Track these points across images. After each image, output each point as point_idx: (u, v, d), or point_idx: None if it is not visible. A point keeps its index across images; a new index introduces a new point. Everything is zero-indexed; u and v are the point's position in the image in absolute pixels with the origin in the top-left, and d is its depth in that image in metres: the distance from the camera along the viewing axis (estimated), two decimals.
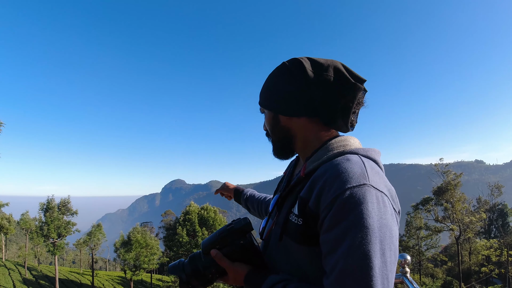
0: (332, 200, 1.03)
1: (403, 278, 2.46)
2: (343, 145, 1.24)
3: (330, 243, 1.02)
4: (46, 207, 38.62)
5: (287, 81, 1.30)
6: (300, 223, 1.15)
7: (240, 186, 2.39)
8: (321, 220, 1.07)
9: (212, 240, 1.30)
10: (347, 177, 1.05)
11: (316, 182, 1.12)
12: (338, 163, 1.12)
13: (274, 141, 1.42)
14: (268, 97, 1.37)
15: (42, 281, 45.29)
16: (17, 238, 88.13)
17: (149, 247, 42.49)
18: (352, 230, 0.98)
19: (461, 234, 35.22)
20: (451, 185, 35.27)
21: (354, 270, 0.95)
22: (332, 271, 0.99)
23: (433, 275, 43.66)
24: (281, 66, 1.34)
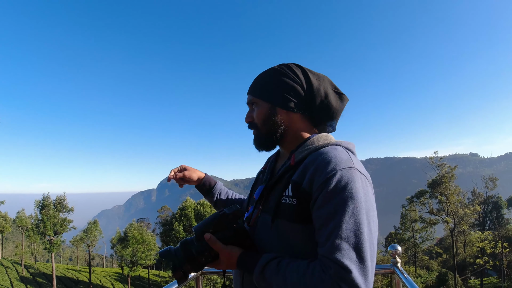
0: (326, 180, 1.21)
1: (394, 269, 2.50)
2: (327, 139, 1.47)
3: (325, 216, 1.19)
4: (42, 204, 38.53)
5: (292, 79, 1.49)
6: (294, 203, 1.30)
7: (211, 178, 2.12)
8: (314, 198, 1.24)
9: (205, 224, 1.35)
10: (337, 161, 1.25)
11: (309, 166, 1.31)
12: (328, 151, 1.32)
13: (262, 133, 1.54)
14: (268, 89, 1.52)
15: (39, 278, 45.25)
16: (13, 236, 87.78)
17: (146, 243, 42.50)
18: (346, 203, 1.17)
19: (456, 226, 35.39)
20: (445, 178, 35.40)
21: (349, 235, 1.14)
22: (328, 238, 1.16)
23: (428, 267, 43.98)
24: (287, 65, 1.53)
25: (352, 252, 1.12)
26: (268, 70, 1.56)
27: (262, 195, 1.52)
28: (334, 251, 1.12)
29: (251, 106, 1.59)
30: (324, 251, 1.15)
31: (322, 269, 1.14)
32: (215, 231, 1.35)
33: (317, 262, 1.18)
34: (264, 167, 1.77)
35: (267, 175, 1.63)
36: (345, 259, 1.10)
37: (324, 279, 1.12)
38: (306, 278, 1.16)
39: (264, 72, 1.56)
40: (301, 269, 1.19)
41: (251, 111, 1.59)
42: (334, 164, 1.24)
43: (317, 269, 1.15)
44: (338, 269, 1.10)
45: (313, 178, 1.25)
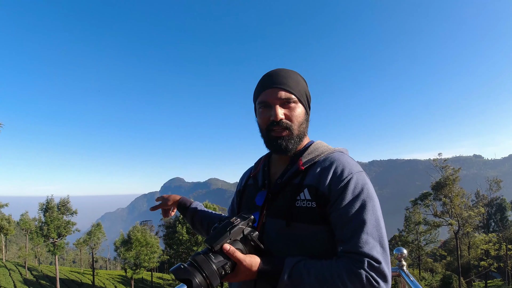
0: (345, 183, 1.37)
1: (400, 272, 2.52)
2: (326, 145, 1.63)
3: (348, 215, 1.32)
4: (46, 207, 38.62)
5: (306, 85, 1.61)
6: (314, 206, 1.39)
7: (186, 198, 2.17)
8: (333, 200, 1.36)
9: (221, 235, 1.28)
10: (351, 166, 1.43)
11: (325, 171, 1.43)
12: (339, 157, 1.48)
13: (295, 134, 1.53)
14: (302, 92, 1.56)
15: (42, 281, 45.30)
16: (17, 238, 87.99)
17: (149, 246, 42.52)
18: (366, 202, 1.34)
19: (460, 228, 35.24)
20: (449, 180, 35.27)
21: (373, 231, 1.29)
22: (354, 235, 1.28)
23: (433, 269, 43.81)
24: (295, 72, 1.60)
25: (378, 245, 1.27)
26: (293, 72, 1.58)
27: (266, 200, 1.56)
28: (364, 245, 1.25)
29: (284, 103, 1.51)
30: (351, 247, 1.27)
31: (353, 264, 1.23)
32: (232, 240, 1.31)
33: (344, 259, 1.27)
34: (254, 173, 1.78)
35: (264, 181, 1.65)
36: (374, 252, 1.25)
37: (359, 273, 1.21)
38: (341, 275, 1.22)
39: (290, 72, 1.57)
40: (332, 266, 1.26)
41: (284, 107, 1.51)
42: (349, 169, 1.41)
43: (348, 265, 1.24)
44: (370, 262, 1.22)
45: (332, 182, 1.39)
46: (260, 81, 1.58)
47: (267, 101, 1.51)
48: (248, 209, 1.65)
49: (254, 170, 1.79)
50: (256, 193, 1.66)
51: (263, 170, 1.71)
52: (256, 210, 1.59)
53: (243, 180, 1.88)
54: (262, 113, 1.54)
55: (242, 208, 1.72)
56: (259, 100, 1.55)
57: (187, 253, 42.81)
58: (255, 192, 1.67)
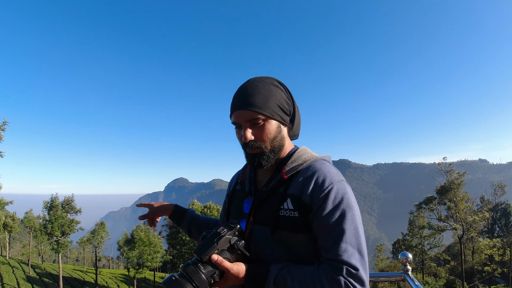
0: (326, 194, 1.42)
1: (405, 276, 2.51)
2: (309, 153, 1.66)
3: (329, 224, 1.40)
4: (50, 205, 38.70)
5: (281, 94, 1.57)
6: (296, 216, 1.45)
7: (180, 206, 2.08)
8: (315, 209, 1.42)
9: (209, 246, 1.34)
10: (332, 176, 1.47)
11: (306, 181, 1.47)
12: (321, 167, 1.51)
13: (268, 150, 1.54)
14: (271, 105, 1.52)
15: (45, 279, 45.47)
16: (21, 236, 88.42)
17: (152, 245, 42.60)
18: (346, 212, 1.41)
19: (464, 233, 35.13)
20: (454, 184, 35.19)
21: (352, 239, 1.38)
22: (335, 243, 1.37)
23: (436, 274, 43.61)
24: (271, 79, 1.60)
25: (356, 253, 1.37)
26: (265, 83, 1.56)
27: (252, 208, 1.62)
28: (343, 254, 1.35)
29: (252, 123, 1.52)
30: (332, 255, 1.36)
31: (333, 271, 1.34)
32: (219, 250, 1.38)
33: (325, 265, 1.37)
34: (242, 178, 1.81)
35: (251, 188, 1.69)
36: (353, 259, 1.35)
37: (338, 279, 1.31)
38: (321, 280, 1.33)
39: (259, 87, 1.53)
40: (314, 272, 1.36)
41: (253, 127, 1.52)
42: (330, 179, 1.46)
43: (329, 271, 1.34)
44: (348, 269, 1.33)
45: (313, 192, 1.44)
46: (232, 99, 1.58)
47: (237, 122, 1.54)
48: (236, 215, 1.70)
49: (242, 175, 1.83)
50: (243, 200, 1.70)
51: (250, 177, 1.75)
52: (243, 217, 1.64)
53: (231, 184, 1.92)
54: (237, 133, 1.59)
55: (231, 213, 1.77)
56: (232, 121, 1.58)
57: (190, 253, 42.92)
58: (242, 198, 1.72)
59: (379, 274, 3.00)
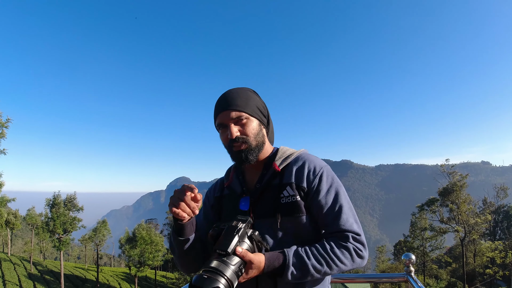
0: (320, 176, 1.65)
1: (407, 277, 2.51)
2: (291, 148, 1.86)
3: (329, 201, 1.61)
4: (52, 203, 38.83)
5: (257, 99, 1.76)
6: (298, 199, 1.62)
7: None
8: (313, 191, 1.62)
9: (231, 239, 1.35)
10: (320, 162, 1.73)
11: (301, 168, 1.69)
12: (308, 156, 1.76)
13: (253, 146, 1.68)
14: (253, 107, 1.71)
15: (47, 276, 45.59)
16: (23, 233, 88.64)
17: (153, 244, 42.67)
18: (339, 189, 1.65)
19: (466, 235, 35.09)
20: (456, 186, 35.14)
21: (349, 211, 1.60)
22: (337, 216, 1.58)
23: (437, 276, 43.59)
24: (248, 88, 1.81)
25: (354, 221, 1.59)
26: (243, 89, 1.76)
27: (251, 204, 1.71)
28: (345, 223, 1.56)
29: (236, 121, 1.66)
30: (336, 227, 1.57)
31: (341, 240, 1.54)
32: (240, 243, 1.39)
33: (332, 238, 1.57)
34: (228, 183, 1.89)
35: (243, 187, 1.80)
36: (354, 227, 1.57)
37: (346, 245, 1.52)
38: (334, 250, 1.50)
39: (239, 92, 1.72)
40: (325, 245, 1.52)
41: (237, 124, 1.67)
42: (319, 164, 1.70)
43: (337, 240, 1.54)
44: (354, 236, 1.55)
45: (308, 177, 1.65)
46: (215, 106, 1.73)
47: (223, 123, 1.67)
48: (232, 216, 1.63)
49: (227, 180, 1.92)
50: (237, 201, 1.78)
51: (238, 179, 1.86)
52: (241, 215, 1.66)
53: (215, 191, 1.98)
54: (222, 133, 1.71)
55: (224, 215, 1.84)
56: (216, 123, 1.71)
57: None
58: (235, 199, 1.79)
59: (381, 275, 3.00)
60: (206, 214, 1.94)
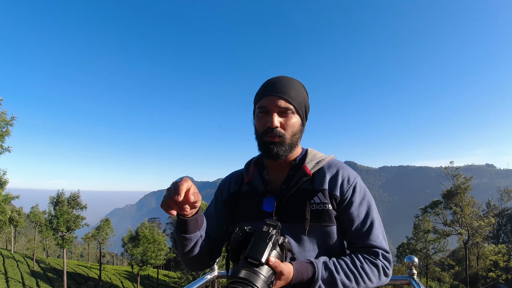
0: (353, 187, 1.59)
1: (410, 280, 2.50)
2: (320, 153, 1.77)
3: (361, 214, 1.57)
4: (56, 200, 38.92)
5: (306, 98, 1.68)
6: (330, 208, 1.54)
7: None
8: (345, 202, 1.56)
9: (264, 247, 1.20)
10: (353, 172, 1.66)
11: (335, 176, 1.61)
12: (341, 164, 1.69)
13: (287, 143, 1.58)
14: (302, 104, 1.63)
15: (50, 273, 45.76)
16: (26, 230, 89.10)
17: (156, 243, 42.76)
18: (371, 203, 1.61)
19: (470, 238, 34.99)
20: (460, 188, 35.07)
21: (379, 227, 1.57)
22: (368, 232, 1.54)
23: (440, 279, 43.43)
24: (301, 83, 1.70)
25: (384, 238, 1.57)
26: (297, 82, 1.65)
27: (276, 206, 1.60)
28: (376, 239, 1.53)
29: (282, 112, 1.56)
30: (368, 242, 1.53)
31: (371, 256, 1.50)
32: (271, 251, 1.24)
33: (362, 252, 1.52)
34: (248, 178, 1.75)
35: (266, 186, 1.68)
36: (384, 244, 1.55)
37: (376, 263, 1.48)
38: (363, 266, 1.45)
39: (294, 82, 1.62)
40: (354, 260, 1.47)
41: (281, 116, 1.56)
42: (353, 174, 1.64)
43: (367, 256, 1.50)
44: (383, 253, 1.52)
45: (342, 186, 1.58)
46: (263, 85, 1.63)
47: (267, 107, 1.56)
48: (253, 215, 1.63)
49: (246, 175, 1.78)
50: (259, 200, 1.64)
51: (261, 176, 1.72)
52: (265, 217, 1.56)
53: (231, 185, 1.82)
54: (261, 118, 1.59)
55: (242, 214, 1.68)
56: (259, 104, 1.59)
57: None
58: (256, 198, 1.66)
59: None
60: (217, 209, 1.81)
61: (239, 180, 1.82)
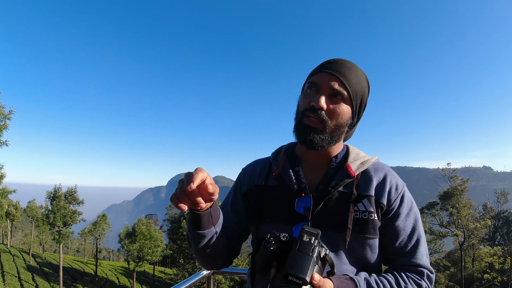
0: (401, 196, 1.36)
1: None
2: (363, 152, 1.51)
3: (408, 228, 1.35)
4: (53, 195, 38.86)
5: (367, 91, 1.42)
6: (376, 218, 1.30)
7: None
8: (392, 212, 1.34)
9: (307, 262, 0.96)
10: (399, 178, 1.42)
11: (382, 182, 1.37)
12: (388, 168, 1.44)
13: (327, 132, 1.31)
14: (358, 93, 1.35)
15: (46, 268, 45.67)
16: (23, 225, 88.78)
17: (153, 239, 42.72)
18: (418, 217, 1.39)
19: (466, 240, 35.08)
20: (457, 190, 35.15)
21: (424, 243, 1.38)
22: (414, 248, 1.34)
23: (435, 280, 43.47)
24: (362, 72, 1.41)
25: (428, 256, 1.37)
26: (360, 71, 1.39)
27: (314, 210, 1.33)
28: (422, 258, 1.33)
29: (332, 94, 1.31)
30: (412, 260, 1.32)
31: (416, 276, 1.30)
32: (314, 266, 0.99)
33: (406, 271, 1.31)
34: (278, 171, 1.45)
35: (300, 184, 1.39)
36: (428, 264, 1.34)
37: (420, 283, 1.28)
38: (407, 286, 1.25)
39: (356, 69, 1.37)
40: (398, 279, 1.27)
41: (331, 99, 1.31)
42: (401, 182, 1.40)
43: (412, 276, 1.29)
44: (428, 273, 1.31)
45: (390, 194, 1.34)
46: (322, 63, 1.38)
47: (318, 84, 1.32)
48: (283, 216, 1.37)
49: (276, 167, 1.47)
50: (291, 199, 1.37)
51: (294, 171, 1.44)
52: (297, 220, 1.35)
53: (253, 179, 1.54)
54: (308, 94, 1.34)
55: (268, 213, 1.42)
56: (310, 79, 1.36)
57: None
58: (287, 196, 1.39)
59: None
60: (235, 205, 1.58)
61: (265, 171, 1.53)
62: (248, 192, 1.52)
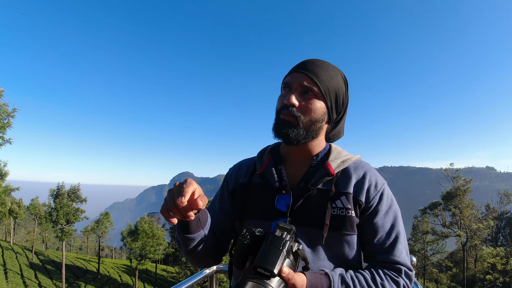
0: (381, 194, 1.38)
1: None
2: (345, 151, 1.52)
3: (385, 226, 1.36)
4: (56, 193, 38.87)
5: (343, 88, 1.45)
6: (353, 215, 1.34)
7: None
8: (370, 210, 1.36)
9: (277, 255, 1.00)
10: (380, 177, 1.44)
11: (361, 180, 1.39)
12: (369, 166, 1.46)
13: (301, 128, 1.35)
14: (330, 88, 1.38)
15: (48, 266, 45.77)
16: (25, 222, 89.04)
17: (155, 238, 42.72)
18: (398, 214, 1.40)
19: (468, 240, 34.98)
20: (460, 190, 35.03)
21: (403, 241, 1.37)
22: (392, 246, 1.34)
23: (437, 280, 43.46)
24: (341, 72, 1.48)
25: (407, 253, 1.36)
26: (332, 67, 1.43)
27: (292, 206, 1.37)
28: (400, 255, 1.32)
29: (303, 91, 1.37)
30: (390, 257, 1.32)
31: (393, 273, 1.30)
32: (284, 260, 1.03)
33: (383, 268, 1.32)
34: (262, 169, 1.51)
35: (282, 182, 1.44)
36: (407, 261, 1.33)
37: (398, 281, 1.27)
38: (383, 283, 1.25)
39: (328, 66, 1.41)
40: (374, 276, 1.28)
41: (302, 96, 1.36)
42: (380, 180, 1.42)
43: (389, 273, 1.29)
44: (406, 271, 1.30)
45: (369, 192, 1.37)
46: (296, 65, 1.43)
47: (290, 83, 1.38)
48: (264, 213, 1.42)
49: (260, 166, 1.53)
50: (272, 196, 1.42)
51: (276, 169, 1.48)
52: (277, 216, 1.39)
53: (238, 177, 1.61)
54: (283, 94, 1.42)
55: (251, 210, 1.47)
56: (283, 81, 1.42)
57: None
58: (269, 194, 1.44)
59: None
60: (222, 204, 1.62)
61: (250, 170, 1.59)
62: (234, 191, 1.58)
